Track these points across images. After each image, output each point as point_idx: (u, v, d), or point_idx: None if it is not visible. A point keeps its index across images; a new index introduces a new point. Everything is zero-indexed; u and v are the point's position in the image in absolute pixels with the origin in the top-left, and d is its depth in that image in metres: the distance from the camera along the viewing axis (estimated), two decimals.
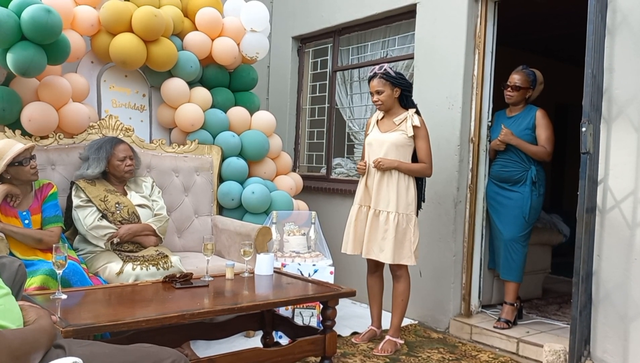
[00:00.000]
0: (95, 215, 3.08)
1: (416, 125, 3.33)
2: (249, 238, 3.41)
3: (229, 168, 3.93)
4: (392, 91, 3.34)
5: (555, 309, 4.19)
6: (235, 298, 2.66)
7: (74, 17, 3.50)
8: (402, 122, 3.37)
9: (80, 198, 3.12)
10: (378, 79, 3.34)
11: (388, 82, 3.33)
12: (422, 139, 3.36)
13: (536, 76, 3.69)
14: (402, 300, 3.42)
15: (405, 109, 3.41)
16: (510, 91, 3.65)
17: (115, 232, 3.08)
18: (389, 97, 3.35)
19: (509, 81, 3.67)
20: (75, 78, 3.52)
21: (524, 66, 3.70)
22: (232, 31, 4.05)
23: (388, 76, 3.32)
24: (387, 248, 3.30)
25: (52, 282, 2.58)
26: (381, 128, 3.45)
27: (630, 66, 2.86)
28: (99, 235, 3.06)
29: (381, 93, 3.34)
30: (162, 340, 2.60)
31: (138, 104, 3.91)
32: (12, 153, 2.77)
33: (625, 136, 2.89)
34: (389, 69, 3.35)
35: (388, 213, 3.31)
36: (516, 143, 3.58)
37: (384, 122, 3.45)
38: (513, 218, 3.60)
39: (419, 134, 3.35)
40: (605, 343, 2.96)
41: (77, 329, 1.96)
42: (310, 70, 5.22)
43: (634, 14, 2.86)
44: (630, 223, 2.86)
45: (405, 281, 3.42)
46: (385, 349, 3.32)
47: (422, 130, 3.36)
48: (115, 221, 3.13)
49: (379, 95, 3.35)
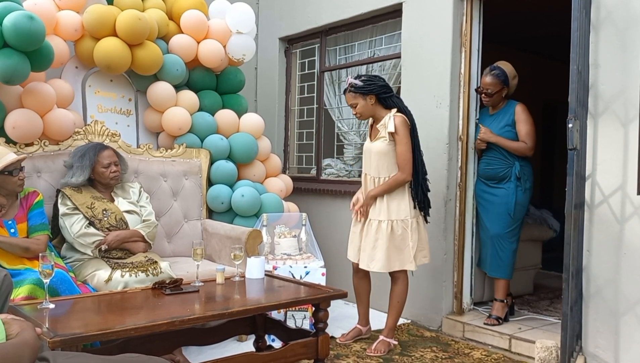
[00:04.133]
0: (82, 222, 3.05)
1: (391, 131, 3.24)
2: (239, 242, 3.39)
3: (217, 172, 3.91)
4: (365, 100, 3.30)
5: (546, 305, 4.21)
6: (226, 303, 2.64)
7: (56, 22, 3.46)
8: (383, 127, 3.32)
9: (67, 206, 3.08)
10: (348, 93, 3.33)
11: (358, 94, 3.30)
12: (399, 144, 3.26)
13: (507, 73, 3.61)
14: (397, 301, 3.41)
15: (388, 109, 3.34)
16: (485, 96, 3.65)
17: (103, 239, 3.05)
18: (364, 107, 3.32)
19: (481, 86, 3.65)
20: (59, 84, 3.48)
21: (492, 66, 3.63)
22: (217, 33, 4.02)
23: (356, 88, 3.29)
24: (378, 257, 3.27)
25: (40, 291, 2.55)
26: (371, 136, 3.44)
27: (615, 62, 2.88)
28: (87, 243, 3.03)
29: (356, 106, 3.33)
30: (153, 347, 2.59)
31: (124, 109, 3.88)
32: (5, 161, 2.75)
33: (612, 132, 2.90)
34: (356, 80, 3.30)
35: (380, 222, 3.29)
36: (495, 141, 3.58)
37: (374, 129, 3.44)
38: (499, 214, 3.60)
39: (396, 139, 3.25)
40: (596, 338, 2.97)
41: (65, 339, 1.93)
42: (297, 71, 5.21)
43: (617, 9, 2.87)
44: (619, 218, 2.88)
45: (403, 283, 3.40)
46: (378, 349, 3.31)
47: (399, 134, 3.24)
48: (102, 228, 3.09)
49: (355, 108, 3.35)
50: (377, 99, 3.32)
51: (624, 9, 2.84)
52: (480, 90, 3.66)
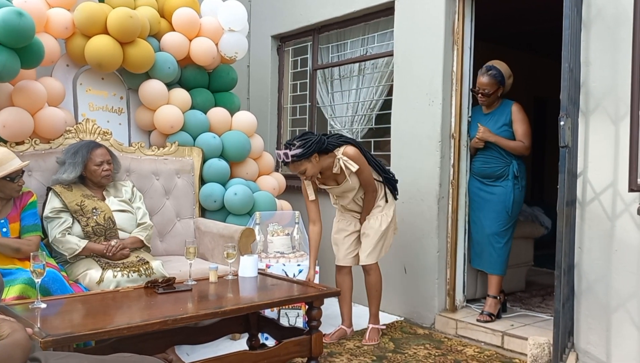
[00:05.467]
0: (61, 228, 3.03)
1: (353, 171, 3.26)
2: (232, 240, 3.38)
3: (210, 170, 3.90)
4: (311, 161, 3.20)
5: (538, 301, 4.23)
6: (219, 301, 2.64)
7: (47, 19, 3.43)
8: (339, 172, 3.30)
9: (51, 208, 3.06)
10: (292, 165, 3.19)
11: (302, 160, 3.17)
12: (361, 174, 3.30)
13: (503, 73, 3.61)
14: (376, 290, 3.55)
15: (328, 154, 3.28)
16: (481, 96, 3.65)
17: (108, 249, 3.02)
18: (314, 167, 3.23)
19: (477, 86, 3.64)
20: (50, 82, 3.45)
21: (488, 66, 3.63)
22: (210, 31, 4.01)
23: (298, 157, 3.14)
24: (367, 250, 3.44)
25: (31, 291, 2.53)
26: (326, 183, 3.41)
27: (606, 59, 2.89)
28: (61, 249, 3.01)
29: (305, 171, 3.21)
30: (146, 347, 2.58)
31: (116, 107, 3.85)
32: (10, 167, 2.76)
33: (603, 129, 2.91)
34: (293, 151, 3.13)
35: (368, 219, 3.45)
36: (495, 140, 3.59)
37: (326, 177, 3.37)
38: (496, 212, 3.62)
39: (358, 173, 3.29)
40: (588, 334, 2.99)
41: (57, 339, 1.92)
42: (290, 69, 5.19)
43: (608, 7, 2.88)
44: (610, 215, 2.89)
45: (376, 272, 3.54)
46: (372, 338, 3.46)
47: (360, 165, 3.26)
48: (88, 225, 3.07)
49: (305, 173, 3.23)
50: (318, 154, 3.24)
51: (614, 6, 2.85)
52: (477, 90, 3.65)
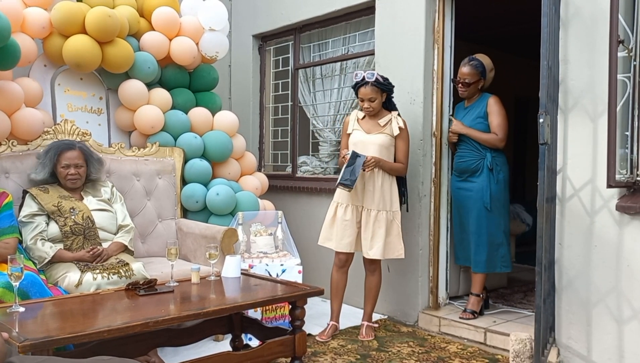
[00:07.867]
0: (34, 233, 2.98)
1: (401, 127, 3.46)
2: (214, 241, 3.36)
3: (192, 170, 3.87)
4: (382, 97, 3.42)
5: (520, 297, 4.27)
6: (201, 302, 2.61)
7: (23, 19, 3.38)
8: (387, 124, 3.47)
9: (25, 213, 3.01)
10: (370, 86, 3.37)
11: (379, 89, 3.39)
12: (403, 141, 3.49)
13: (484, 65, 3.65)
14: (376, 291, 3.62)
15: (387, 110, 3.51)
16: (462, 86, 3.68)
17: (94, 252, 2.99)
18: (379, 103, 3.43)
19: (458, 76, 3.67)
20: (27, 82, 3.40)
21: (470, 57, 3.67)
22: (190, 30, 3.98)
23: (379, 84, 3.38)
24: (377, 246, 3.43)
25: (9, 295, 2.48)
26: (365, 129, 3.50)
27: (584, 58, 2.93)
28: (32, 256, 2.96)
29: (374, 100, 3.40)
30: (127, 350, 2.55)
31: (95, 108, 3.81)
32: None
33: (581, 126, 2.95)
34: (378, 75, 3.38)
35: (378, 212, 3.44)
36: (466, 132, 3.63)
37: (367, 123, 3.51)
38: (476, 209, 3.62)
39: (402, 135, 3.47)
40: (569, 329, 3.02)
41: (35, 343, 1.89)
42: (272, 68, 5.18)
43: (586, 6, 2.92)
44: (589, 211, 2.93)
45: (379, 274, 3.60)
46: (369, 334, 3.56)
47: (405, 132, 3.50)
48: (66, 225, 3.03)
49: (371, 102, 3.40)
50: (385, 99, 3.46)
51: (591, 5, 2.89)
52: (458, 80, 3.68)
